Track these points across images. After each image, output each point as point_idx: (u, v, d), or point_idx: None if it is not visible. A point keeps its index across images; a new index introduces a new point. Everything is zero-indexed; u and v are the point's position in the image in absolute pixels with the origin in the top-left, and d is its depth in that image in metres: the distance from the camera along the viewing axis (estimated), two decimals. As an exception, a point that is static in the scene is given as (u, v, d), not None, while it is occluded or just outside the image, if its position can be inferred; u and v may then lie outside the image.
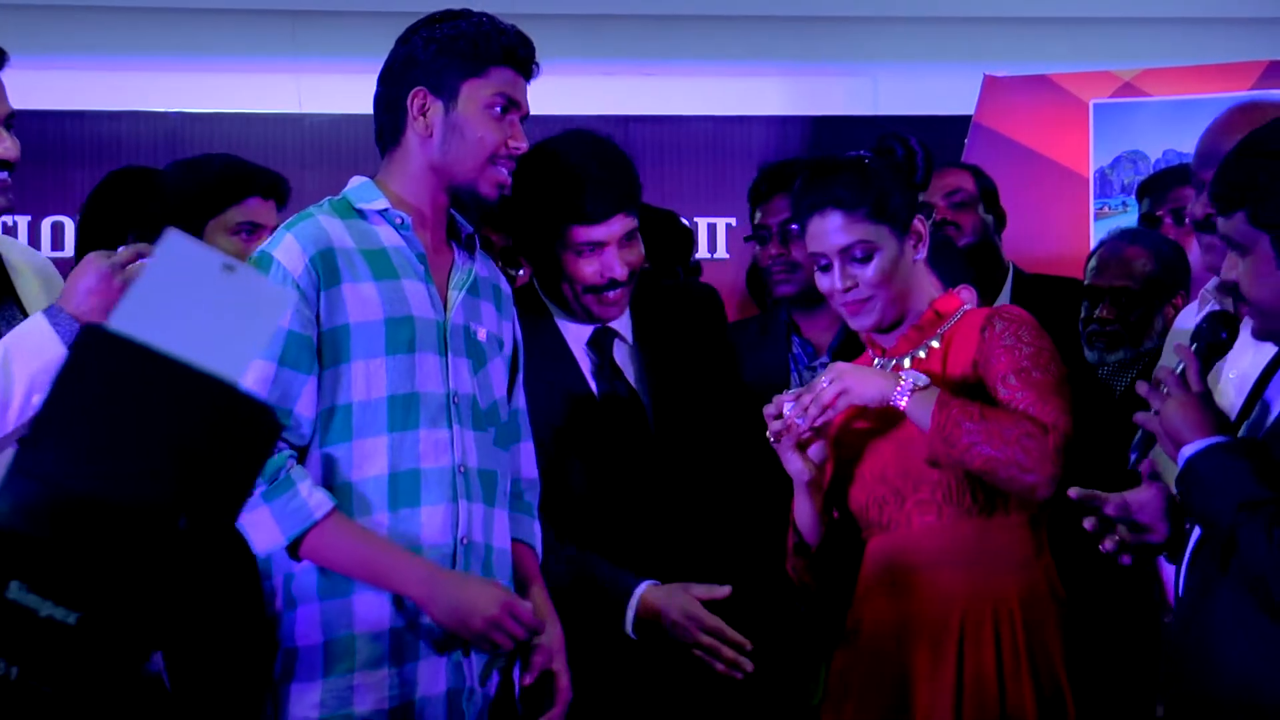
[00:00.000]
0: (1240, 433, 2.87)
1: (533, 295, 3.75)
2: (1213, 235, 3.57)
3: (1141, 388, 2.90)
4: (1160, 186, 5.29)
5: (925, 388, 3.28)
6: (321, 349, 3.11)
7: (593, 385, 3.73)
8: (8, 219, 6.14)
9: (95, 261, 3.05)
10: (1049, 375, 3.33)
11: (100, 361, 1.26)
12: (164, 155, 5.50)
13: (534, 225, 3.65)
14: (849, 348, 4.00)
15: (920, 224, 3.47)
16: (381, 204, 3.21)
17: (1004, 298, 5.16)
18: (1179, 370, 2.87)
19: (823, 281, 3.45)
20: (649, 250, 5.04)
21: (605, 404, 3.72)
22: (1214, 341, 2.98)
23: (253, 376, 3.02)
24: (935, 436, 3.24)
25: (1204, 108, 5.05)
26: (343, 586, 3.11)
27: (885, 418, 3.40)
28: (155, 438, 1.24)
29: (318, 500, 3.06)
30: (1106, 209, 6.73)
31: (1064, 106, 6.85)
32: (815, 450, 3.42)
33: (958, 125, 6.90)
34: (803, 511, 3.49)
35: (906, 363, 3.43)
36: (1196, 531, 2.88)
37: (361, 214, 3.21)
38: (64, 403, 1.26)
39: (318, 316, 3.10)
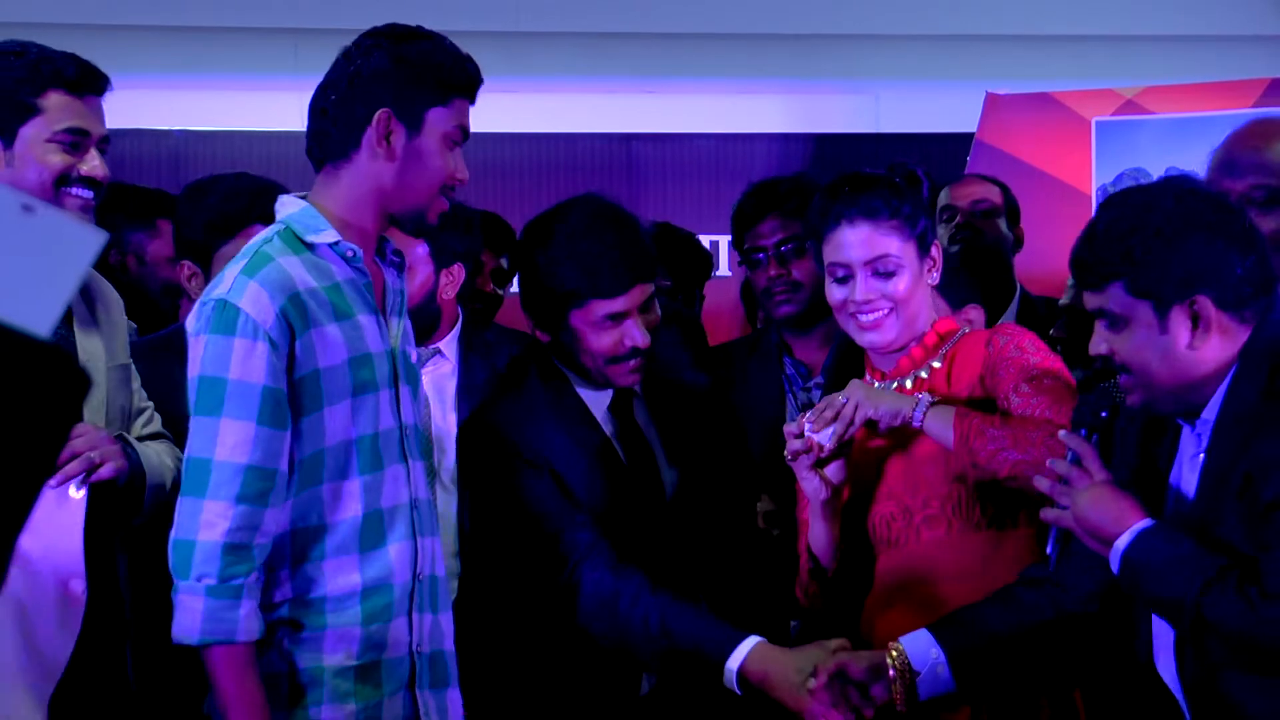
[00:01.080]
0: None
1: (549, 364, 3.66)
2: None
3: (1041, 484, 2.90)
4: None
5: (940, 402, 3.28)
6: (299, 397, 3.01)
7: (621, 454, 3.66)
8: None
9: None
10: (1059, 382, 3.32)
11: None
12: (166, 172, 5.52)
13: (551, 300, 3.56)
14: (842, 368, 3.97)
15: (936, 249, 3.46)
16: (331, 236, 3.06)
17: (1009, 317, 5.16)
18: (1071, 459, 2.87)
19: (837, 293, 3.42)
20: (670, 270, 5.08)
21: (633, 471, 3.65)
22: (1095, 424, 2.97)
23: (232, 440, 2.95)
24: (960, 448, 3.23)
25: (1206, 125, 5.05)
26: (317, 620, 3.05)
27: (893, 435, 3.39)
28: None
29: (249, 626, 2.95)
30: (1109, 226, 6.74)
31: (1066, 124, 6.85)
32: (833, 471, 3.38)
33: (960, 143, 6.90)
34: (818, 533, 3.46)
35: (908, 384, 3.43)
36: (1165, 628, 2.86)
37: (311, 246, 3.07)
38: None
39: (289, 366, 2.99)
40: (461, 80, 3.13)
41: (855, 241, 3.38)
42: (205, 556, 2.94)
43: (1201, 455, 2.83)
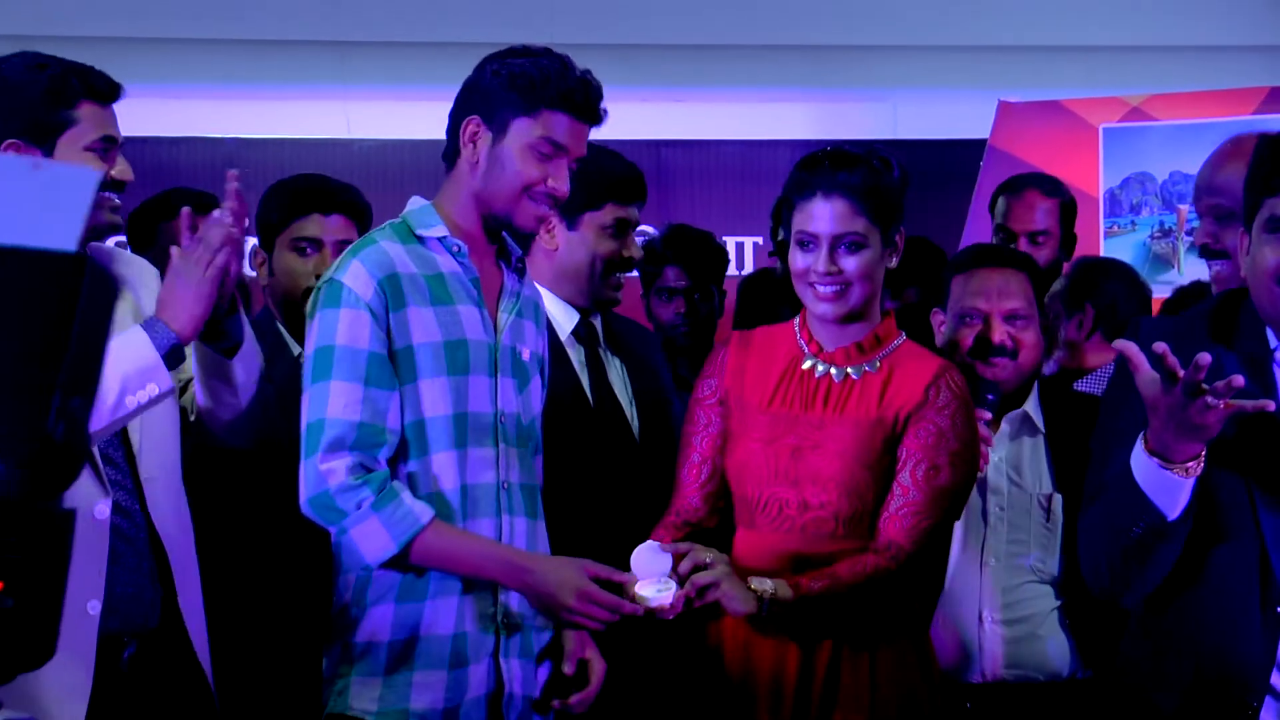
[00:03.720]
0: None
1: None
2: (1218, 261, 3.58)
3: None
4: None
5: (775, 596, 3.16)
6: (395, 368, 3.12)
7: (588, 390, 3.78)
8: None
9: (184, 274, 3.09)
10: (954, 480, 3.33)
11: None
12: (221, 178, 5.55)
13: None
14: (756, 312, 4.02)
15: (899, 238, 3.38)
16: (440, 231, 3.21)
17: None
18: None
19: (800, 261, 3.35)
20: (687, 267, 5.11)
21: (599, 410, 3.74)
22: (987, 406, 2.98)
23: (342, 400, 3.07)
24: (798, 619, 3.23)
25: (1209, 131, 5.05)
26: (419, 589, 3.14)
27: (811, 433, 3.35)
28: (22, 314, 1.32)
29: (421, 508, 3.08)
30: (1116, 228, 6.73)
31: (1075, 130, 6.84)
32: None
33: (974, 148, 6.90)
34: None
35: (852, 372, 3.39)
36: None
37: (421, 239, 3.21)
38: None
39: (389, 335, 3.12)
40: (551, 94, 3.19)
41: (826, 215, 3.31)
42: (346, 491, 3.06)
43: None
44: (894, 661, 3.31)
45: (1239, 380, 2.67)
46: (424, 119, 3.35)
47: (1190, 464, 2.77)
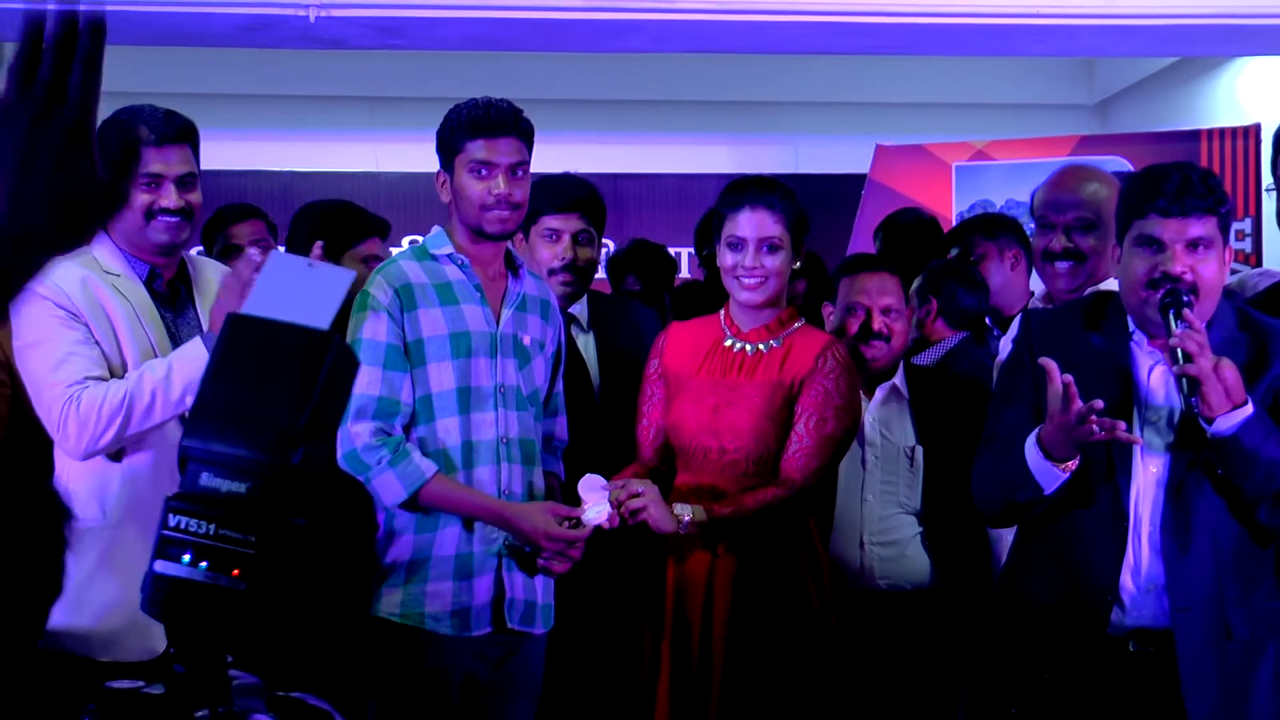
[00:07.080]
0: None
1: None
2: (1069, 262, 3.56)
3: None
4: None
5: (694, 519, 3.22)
6: (409, 355, 3.14)
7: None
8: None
9: (224, 298, 3.03)
10: (838, 429, 3.32)
11: (245, 333, 1.39)
12: (278, 203, 5.52)
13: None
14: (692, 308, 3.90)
15: (802, 248, 3.39)
16: (448, 249, 3.22)
17: None
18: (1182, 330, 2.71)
19: (729, 258, 3.33)
20: (644, 274, 5.10)
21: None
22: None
23: (365, 379, 3.08)
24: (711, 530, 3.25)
25: (1035, 169, 5.07)
26: (430, 524, 3.16)
27: (729, 392, 3.36)
28: (285, 371, 1.37)
29: (426, 465, 3.10)
30: (965, 243, 6.76)
31: (933, 167, 6.86)
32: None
33: (857, 181, 6.92)
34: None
35: (747, 349, 3.40)
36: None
37: (434, 257, 3.23)
38: (229, 361, 1.38)
39: (403, 331, 3.13)
40: (468, 129, 3.18)
41: (755, 222, 3.30)
42: (369, 450, 3.08)
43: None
44: (789, 566, 3.32)
45: (1123, 425, 2.70)
46: (435, 158, 3.33)
47: (1069, 463, 2.78)
